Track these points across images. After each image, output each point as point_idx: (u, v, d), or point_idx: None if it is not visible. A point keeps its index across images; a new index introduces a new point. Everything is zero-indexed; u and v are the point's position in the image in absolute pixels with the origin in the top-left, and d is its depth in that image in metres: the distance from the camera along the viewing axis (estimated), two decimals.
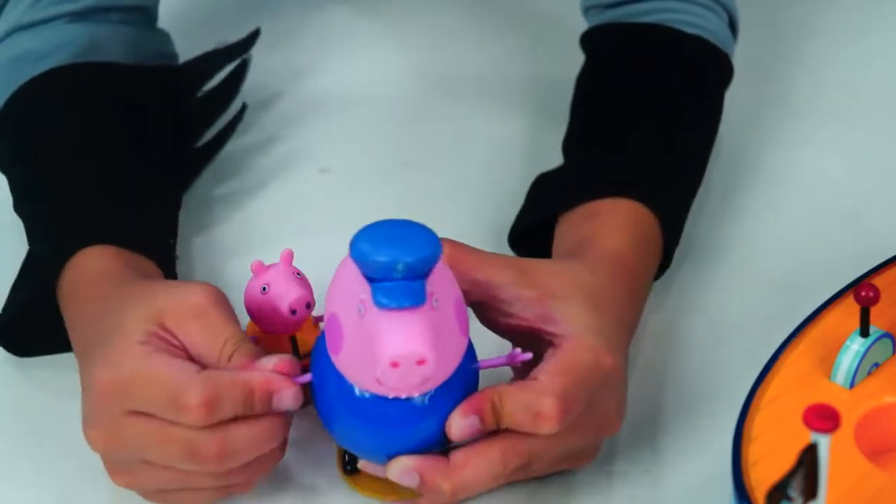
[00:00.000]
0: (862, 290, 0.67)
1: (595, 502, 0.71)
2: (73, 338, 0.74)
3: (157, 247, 0.79)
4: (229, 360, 0.67)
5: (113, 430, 0.67)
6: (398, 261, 0.61)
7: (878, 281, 0.72)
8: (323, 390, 0.66)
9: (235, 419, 0.65)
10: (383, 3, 1.08)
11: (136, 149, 0.83)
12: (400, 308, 0.61)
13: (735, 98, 0.91)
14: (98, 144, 0.82)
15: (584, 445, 0.69)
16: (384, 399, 0.64)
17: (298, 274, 0.72)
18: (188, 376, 0.65)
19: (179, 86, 0.90)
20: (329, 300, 0.65)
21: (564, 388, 0.66)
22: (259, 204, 0.91)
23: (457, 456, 0.66)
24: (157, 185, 0.83)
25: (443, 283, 0.64)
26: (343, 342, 0.63)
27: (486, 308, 0.71)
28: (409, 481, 0.66)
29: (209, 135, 0.91)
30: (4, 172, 0.85)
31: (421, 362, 0.61)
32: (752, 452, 0.64)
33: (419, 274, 0.62)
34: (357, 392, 0.65)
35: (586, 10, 0.93)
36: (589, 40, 0.91)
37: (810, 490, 0.56)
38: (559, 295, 0.70)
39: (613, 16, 0.90)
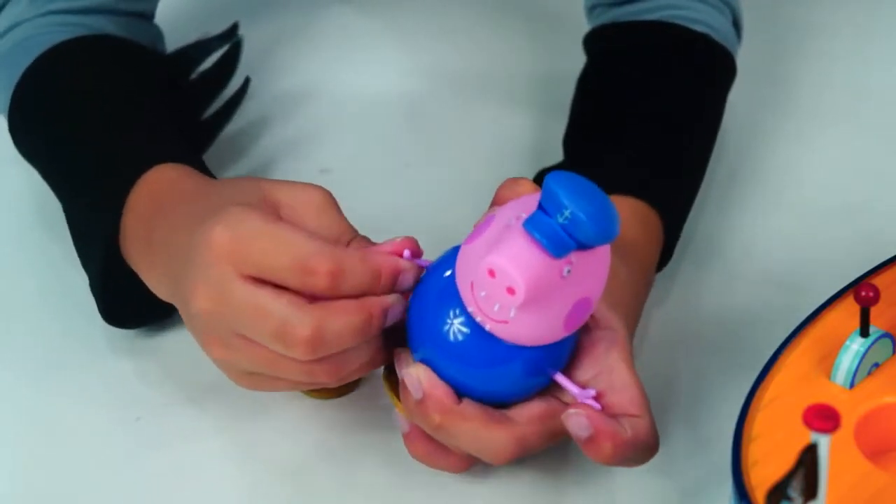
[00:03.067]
0: (862, 290, 0.67)
1: (595, 502, 0.71)
2: (161, 237, 0.71)
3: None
4: (347, 245, 0.67)
5: (222, 292, 0.65)
6: (569, 208, 0.61)
7: (878, 281, 0.72)
8: (421, 304, 0.66)
9: (334, 306, 0.64)
10: (384, 2, 1.08)
11: (164, 104, 0.83)
12: (534, 239, 0.61)
13: (737, 97, 0.91)
14: (133, 97, 0.82)
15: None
16: (468, 332, 0.64)
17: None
18: (318, 243, 0.64)
19: (170, 71, 0.90)
20: (503, 207, 0.65)
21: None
22: None
23: (469, 408, 0.65)
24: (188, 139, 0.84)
25: (590, 274, 0.63)
26: (479, 237, 0.64)
27: None
28: (414, 390, 0.65)
29: (212, 110, 0.92)
30: (28, 145, 0.84)
31: (510, 290, 0.61)
32: (752, 452, 0.64)
33: (576, 237, 0.61)
34: (450, 314, 0.65)
35: (591, 10, 0.93)
36: (590, 42, 0.91)
37: (810, 490, 0.56)
38: None
39: (618, 14, 0.90)
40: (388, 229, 0.84)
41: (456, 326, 0.65)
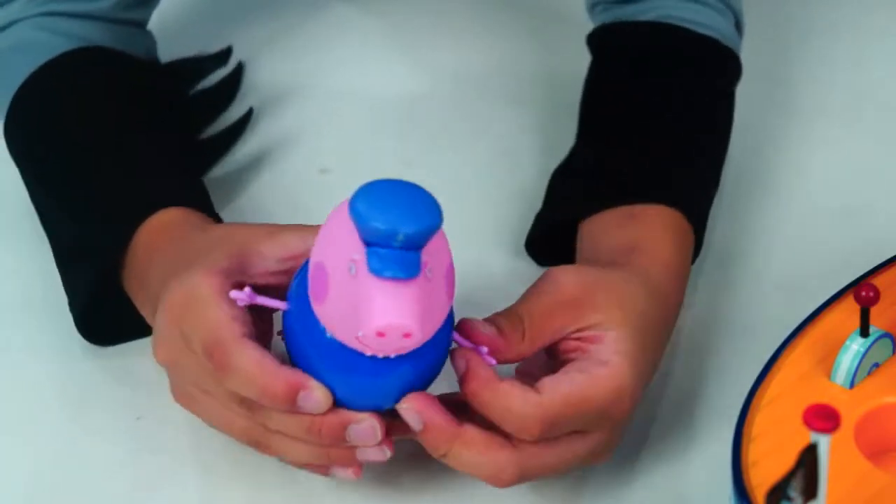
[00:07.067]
0: (862, 290, 0.67)
1: (595, 502, 0.71)
2: (151, 281, 0.72)
3: (211, 209, 0.79)
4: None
5: (175, 351, 0.67)
6: (399, 231, 0.60)
7: (878, 281, 0.72)
8: (295, 325, 0.65)
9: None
10: (384, 2, 1.08)
11: (163, 126, 0.83)
12: (395, 278, 0.60)
13: (736, 97, 0.91)
14: (130, 123, 0.82)
15: (571, 465, 0.68)
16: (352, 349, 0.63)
17: None
18: (240, 343, 0.64)
19: (167, 81, 0.90)
20: (317, 248, 0.63)
21: (561, 415, 0.65)
22: (259, 203, 0.91)
23: (471, 433, 0.65)
24: (188, 162, 0.84)
25: (437, 251, 0.62)
26: (328, 294, 0.62)
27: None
28: (414, 423, 0.65)
29: (212, 132, 0.91)
30: (23, 159, 0.84)
31: (407, 335, 0.61)
32: (752, 452, 0.64)
33: (418, 245, 0.60)
34: (328, 335, 0.63)
35: (592, 7, 0.92)
36: (596, 40, 0.90)
37: (810, 490, 0.56)
38: (602, 309, 0.68)
39: (619, 14, 0.90)
40: None
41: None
